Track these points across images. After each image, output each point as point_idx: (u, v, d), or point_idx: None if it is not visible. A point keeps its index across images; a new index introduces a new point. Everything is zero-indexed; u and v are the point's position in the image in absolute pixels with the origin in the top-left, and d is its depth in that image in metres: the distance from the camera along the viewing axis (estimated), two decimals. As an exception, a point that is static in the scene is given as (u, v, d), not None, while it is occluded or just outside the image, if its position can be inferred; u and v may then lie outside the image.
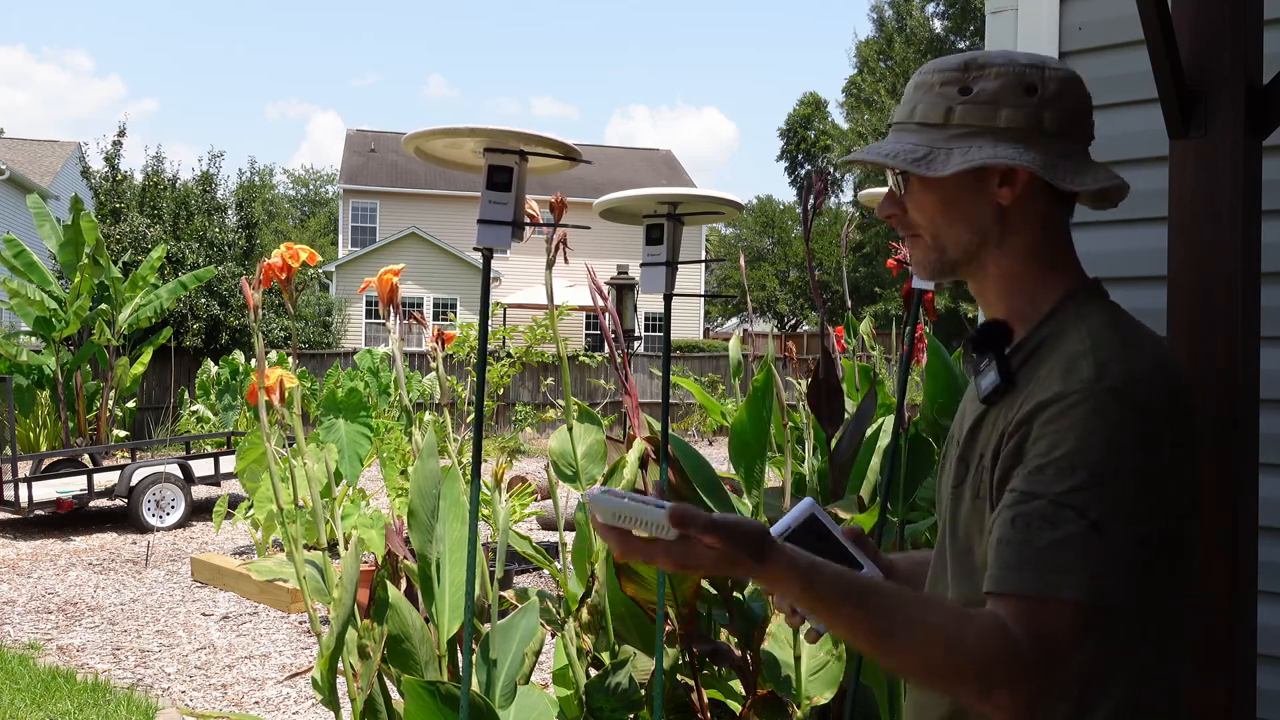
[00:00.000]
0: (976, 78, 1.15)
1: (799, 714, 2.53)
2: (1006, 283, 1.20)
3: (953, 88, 1.16)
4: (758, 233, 43.59)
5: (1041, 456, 1.03)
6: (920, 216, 1.19)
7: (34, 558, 8.03)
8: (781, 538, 1.14)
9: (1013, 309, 1.20)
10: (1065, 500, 1.00)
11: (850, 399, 3.83)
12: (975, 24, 32.48)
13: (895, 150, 1.16)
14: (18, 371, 12.55)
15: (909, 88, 1.20)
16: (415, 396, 11.58)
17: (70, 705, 4.68)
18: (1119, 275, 2.23)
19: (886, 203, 1.22)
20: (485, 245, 1.99)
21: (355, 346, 21.53)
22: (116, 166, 17.07)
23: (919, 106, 1.17)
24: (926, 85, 1.18)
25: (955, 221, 1.18)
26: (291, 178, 54.90)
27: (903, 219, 1.21)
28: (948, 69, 1.17)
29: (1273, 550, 1.93)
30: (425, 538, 2.59)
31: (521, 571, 7.07)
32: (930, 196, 1.18)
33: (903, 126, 1.19)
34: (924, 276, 1.24)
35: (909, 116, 1.18)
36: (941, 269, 1.21)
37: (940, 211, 1.18)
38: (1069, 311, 1.16)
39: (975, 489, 1.15)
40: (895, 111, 1.22)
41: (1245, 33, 1.68)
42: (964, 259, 1.19)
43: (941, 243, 1.19)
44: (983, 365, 1.17)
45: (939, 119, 1.16)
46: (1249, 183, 1.69)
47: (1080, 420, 1.02)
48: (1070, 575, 0.99)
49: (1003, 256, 1.19)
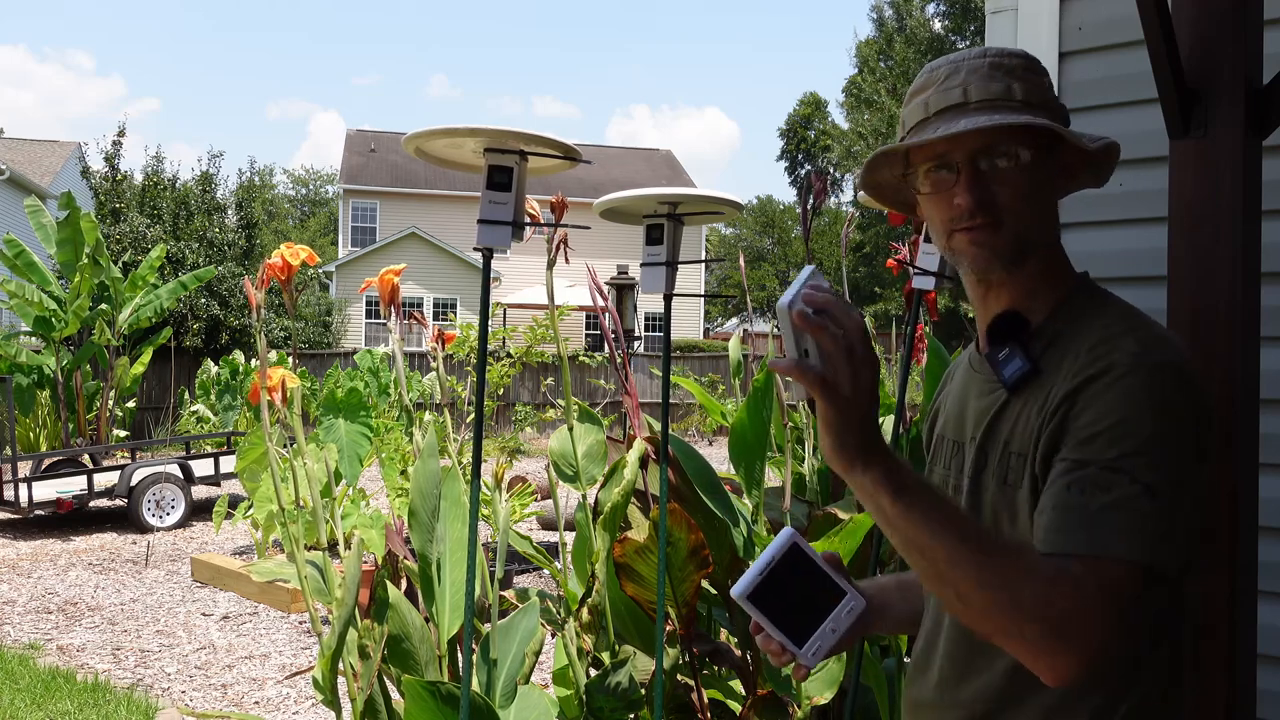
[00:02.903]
0: (1041, 71, 1.18)
1: (799, 714, 2.53)
2: (1040, 276, 1.19)
3: (1033, 75, 1.16)
4: (758, 233, 43.61)
5: (1091, 426, 1.04)
6: (1014, 198, 1.14)
7: (34, 558, 8.03)
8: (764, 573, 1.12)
9: (1032, 299, 1.19)
10: (1117, 465, 1.01)
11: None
12: (975, 24, 32.47)
13: (1040, 120, 1.11)
14: (18, 371, 12.55)
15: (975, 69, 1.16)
16: (415, 396, 11.58)
17: (70, 705, 4.68)
18: (1119, 275, 2.23)
19: (977, 185, 1.14)
20: (485, 245, 1.99)
21: (355, 346, 21.53)
22: (116, 166, 17.06)
23: (1014, 86, 1.14)
24: (1010, 68, 1.15)
25: (1040, 204, 1.17)
26: (291, 178, 54.96)
27: (988, 203, 1.14)
28: (1021, 57, 1.17)
29: (1273, 550, 1.93)
30: (426, 538, 2.59)
31: (521, 571, 7.07)
32: (1031, 174, 1.14)
33: (999, 104, 1.14)
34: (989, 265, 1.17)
35: (1005, 94, 1.14)
36: (1018, 254, 1.16)
37: (1036, 192, 1.15)
38: (1081, 300, 1.18)
39: (1002, 475, 1.15)
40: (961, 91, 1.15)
41: (1245, 33, 1.68)
42: (1036, 244, 1.17)
43: (1027, 225, 1.15)
44: (1003, 355, 1.17)
45: (1041, 99, 1.15)
46: (1249, 183, 1.69)
47: (1129, 391, 1.03)
48: (1124, 536, 0.99)
49: (1049, 248, 1.20)
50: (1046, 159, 1.15)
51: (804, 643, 1.14)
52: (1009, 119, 1.10)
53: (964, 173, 1.14)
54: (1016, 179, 1.14)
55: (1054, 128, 1.11)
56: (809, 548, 1.16)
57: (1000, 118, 1.10)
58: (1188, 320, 1.72)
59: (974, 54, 1.18)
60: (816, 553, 1.16)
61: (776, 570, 1.13)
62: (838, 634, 1.15)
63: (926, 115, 1.18)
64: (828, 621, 1.15)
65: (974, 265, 1.17)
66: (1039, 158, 1.14)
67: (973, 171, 1.14)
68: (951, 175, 1.15)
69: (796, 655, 1.14)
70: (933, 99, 1.17)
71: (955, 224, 1.16)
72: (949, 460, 1.27)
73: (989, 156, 1.14)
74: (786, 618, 1.14)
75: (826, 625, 1.15)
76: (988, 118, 1.11)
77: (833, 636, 1.15)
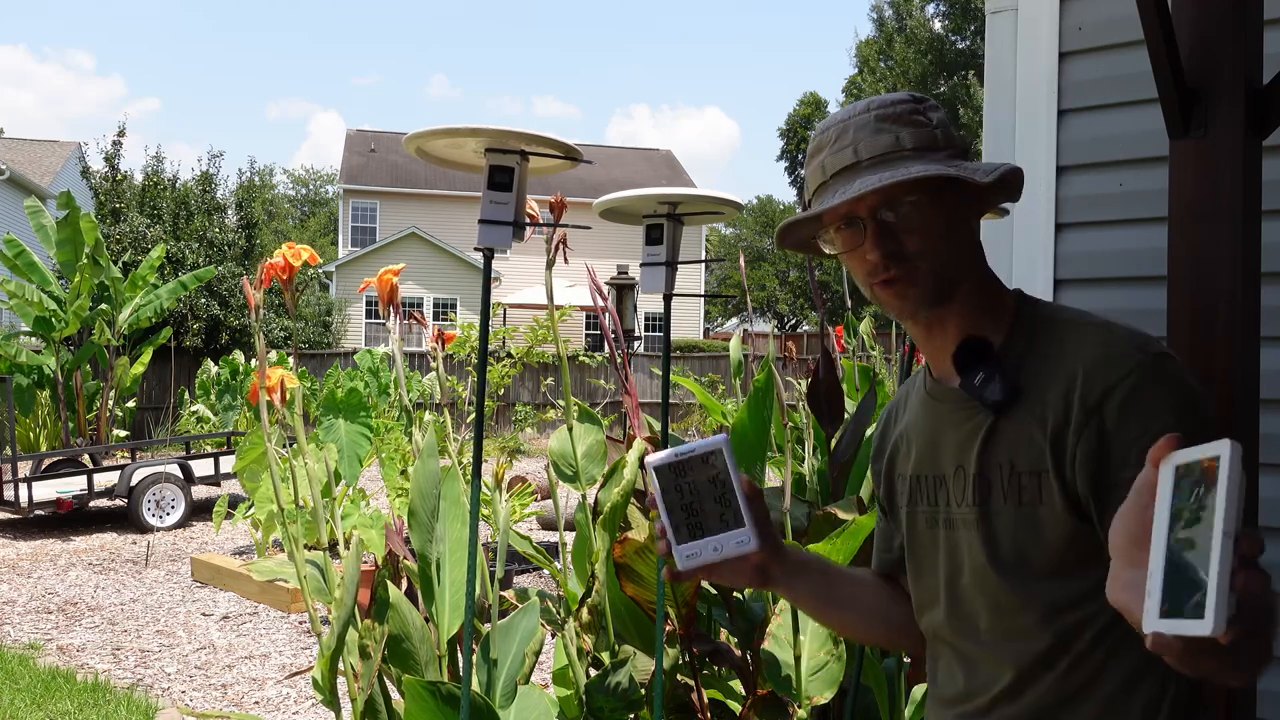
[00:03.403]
0: (926, 109, 1.20)
1: (799, 714, 2.53)
2: (977, 299, 1.22)
3: (920, 116, 1.19)
4: (758, 233, 43.60)
5: (1143, 434, 1.06)
6: (924, 242, 1.17)
7: (34, 558, 8.03)
8: (682, 456, 1.13)
9: (980, 323, 1.21)
10: None
11: (850, 399, 3.83)
12: (976, 24, 32.47)
13: (933, 167, 1.13)
14: (18, 371, 12.55)
15: (862, 126, 1.18)
16: (415, 396, 11.58)
17: (70, 705, 4.68)
18: (1119, 275, 2.23)
19: (882, 239, 1.17)
20: (486, 245, 1.99)
21: (355, 346, 21.53)
22: (116, 166, 17.06)
23: (902, 135, 1.17)
24: (894, 116, 1.18)
25: (952, 242, 1.19)
26: (291, 178, 54.96)
27: (900, 253, 1.17)
28: (904, 102, 1.20)
29: (1273, 550, 1.93)
30: (426, 537, 2.59)
31: (521, 571, 7.07)
32: (934, 217, 1.17)
33: (890, 158, 1.17)
34: (913, 312, 1.20)
35: (894, 146, 1.17)
36: (940, 295, 1.19)
37: (946, 230, 1.18)
38: (1028, 316, 1.21)
39: (1015, 498, 1.16)
40: (852, 152, 1.18)
41: (1245, 33, 1.68)
42: (956, 281, 1.19)
43: (942, 266, 1.18)
44: (979, 380, 1.18)
45: (929, 143, 1.18)
46: (1249, 183, 1.69)
47: (1158, 388, 1.08)
48: None
49: (973, 275, 1.22)
50: (949, 197, 1.17)
51: (683, 542, 1.15)
52: (898, 175, 1.12)
53: (869, 229, 1.17)
54: (923, 223, 1.16)
55: (943, 173, 1.13)
56: (734, 465, 1.16)
57: (890, 174, 1.13)
58: (1188, 320, 1.72)
59: (859, 109, 1.21)
60: (739, 474, 1.16)
61: (695, 461, 1.14)
62: (719, 555, 1.15)
63: (824, 179, 1.21)
64: (714, 539, 1.15)
65: (900, 315, 1.21)
66: (941, 198, 1.16)
67: (877, 226, 1.17)
68: (860, 233, 1.18)
69: (673, 548, 1.15)
70: (827, 162, 1.21)
71: (873, 278, 1.20)
72: (933, 496, 1.27)
73: (891, 208, 1.16)
74: (680, 511, 1.15)
75: (711, 540, 1.15)
76: (877, 176, 1.14)
77: (713, 555, 1.15)
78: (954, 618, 1.24)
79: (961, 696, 1.26)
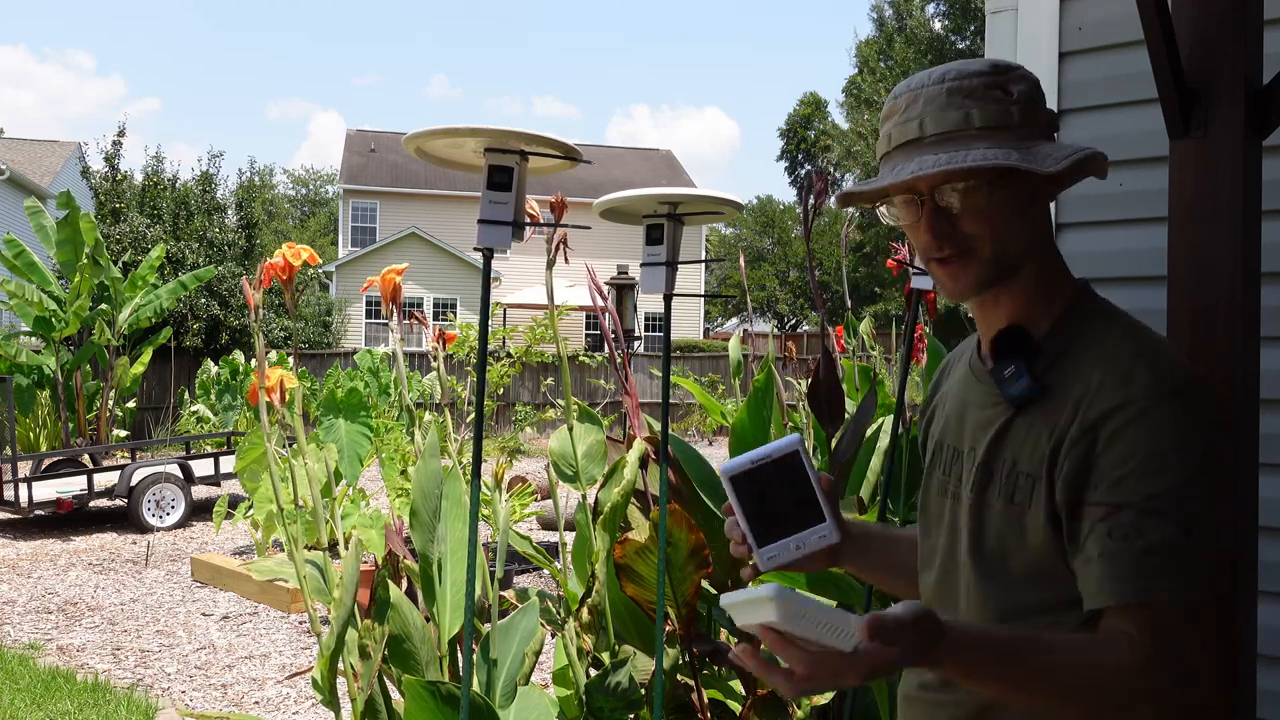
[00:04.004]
0: (1008, 80, 1.14)
1: (799, 714, 2.53)
2: (1036, 287, 1.19)
3: (997, 90, 1.13)
4: (758, 233, 43.59)
5: (1119, 466, 1.05)
6: (982, 226, 1.14)
7: (34, 558, 8.02)
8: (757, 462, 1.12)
9: (1031, 314, 1.19)
10: (1151, 506, 1.03)
11: (850, 399, 3.83)
12: (975, 24, 32.47)
13: (993, 154, 1.09)
14: (18, 371, 12.55)
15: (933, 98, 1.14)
16: (415, 396, 11.58)
17: (70, 705, 4.68)
18: (1119, 275, 2.23)
19: (938, 221, 1.14)
20: (486, 245, 1.99)
21: (355, 346, 21.52)
22: (116, 166, 17.06)
23: (972, 112, 1.12)
24: (969, 90, 1.13)
25: (1012, 227, 1.15)
26: (291, 178, 54.94)
27: (955, 235, 1.14)
28: (982, 73, 1.14)
29: (1273, 550, 1.93)
30: (427, 537, 2.59)
31: (521, 571, 7.07)
32: (993, 202, 1.13)
33: (955, 135, 1.12)
34: (964, 295, 1.18)
35: (962, 124, 1.12)
36: (995, 278, 1.16)
37: (1008, 215, 1.14)
38: (1083, 313, 1.18)
39: (1009, 494, 1.15)
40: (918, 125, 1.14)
41: (1245, 33, 1.68)
42: (1017, 263, 1.16)
43: (998, 251, 1.15)
44: (1009, 372, 1.16)
45: (1002, 121, 1.12)
46: (1249, 183, 1.69)
47: (1152, 425, 1.05)
48: (1169, 578, 1.01)
49: (1035, 259, 1.19)
50: (1013, 181, 1.13)
51: (764, 545, 1.13)
52: (954, 161, 1.09)
53: (926, 208, 1.15)
54: (981, 208, 1.13)
55: (1001, 163, 1.08)
56: (809, 462, 1.15)
57: (948, 157, 1.10)
58: (1188, 320, 1.72)
59: (934, 77, 1.16)
60: (815, 470, 1.15)
61: (769, 466, 1.13)
62: (801, 553, 1.15)
63: (889, 148, 1.18)
64: (796, 536, 1.14)
65: (949, 295, 1.20)
66: (1004, 182, 1.12)
67: (934, 207, 1.15)
68: (918, 209, 1.16)
69: (754, 552, 1.13)
70: (894, 131, 1.18)
71: (927, 254, 1.18)
72: (949, 467, 1.27)
73: (950, 190, 1.13)
74: (759, 514, 1.13)
75: (793, 539, 1.14)
76: (934, 158, 1.11)
77: (795, 553, 1.14)
78: (942, 585, 1.25)
79: None
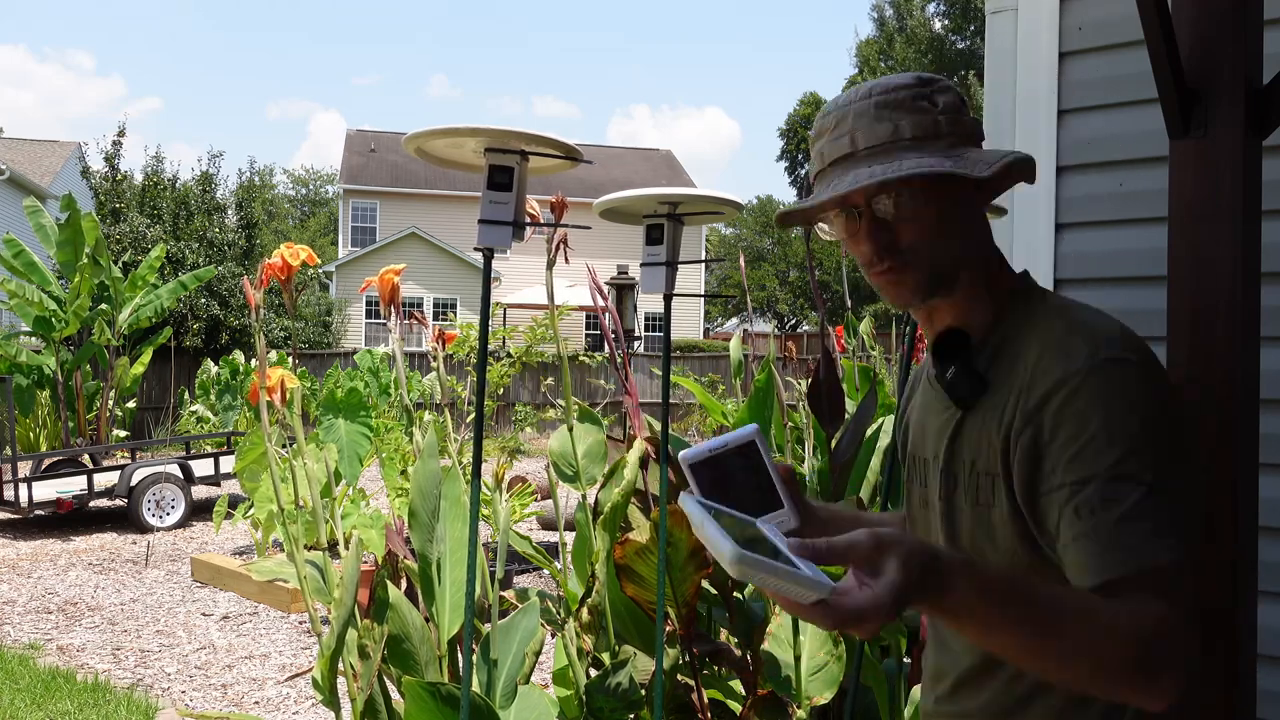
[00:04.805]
0: (933, 92, 1.16)
1: (799, 714, 2.53)
2: (973, 290, 1.19)
3: (924, 102, 1.15)
4: (758, 233, 43.59)
5: (1074, 442, 1.03)
6: (915, 235, 1.14)
7: (34, 558, 8.02)
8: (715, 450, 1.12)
9: (971, 315, 1.19)
10: (1115, 474, 1.01)
11: (850, 399, 3.83)
12: (975, 24, 32.47)
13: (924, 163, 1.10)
14: (18, 371, 12.55)
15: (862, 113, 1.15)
16: (415, 396, 11.58)
17: (70, 705, 4.68)
18: (1119, 275, 2.23)
19: (875, 231, 1.15)
20: (486, 245, 1.99)
21: (355, 346, 21.53)
22: (116, 166, 17.06)
23: (901, 124, 1.13)
24: (896, 103, 1.14)
25: (948, 234, 1.16)
26: (291, 178, 54.96)
27: (894, 246, 1.15)
28: (907, 85, 1.16)
29: (1273, 550, 1.93)
30: (426, 537, 2.59)
31: (521, 571, 7.07)
32: (929, 210, 1.14)
33: (887, 148, 1.13)
34: (908, 302, 1.19)
35: (892, 136, 1.13)
36: (935, 286, 1.17)
37: (936, 225, 1.14)
38: (1019, 307, 1.18)
39: (972, 498, 1.15)
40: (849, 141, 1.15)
41: (1245, 33, 1.68)
42: (952, 272, 1.17)
43: (936, 258, 1.15)
44: (950, 374, 1.17)
45: (931, 132, 1.14)
46: (1249, 183, 1.69)
47: (1095, 395, 1.03)
48: (1153, 540, 0.99)
49: (972, 263, 1.19)
50: (948, 188, 1.13)
51: None
52: (889, 172, 1.09)
53: (864, 220, 1.16)
54: (919, 217, 1.14)
55: (934, 170, 1.09)
56: (767, 451, 1.16)
57: (882, 169, 1.10)
58: (1188, 320, 1.72)
59: (860, 94, 1.17)
60: (773, 460, 1.16)
61: (728, 455, 1.13)
62: None
63: (823, 166, 1.19)
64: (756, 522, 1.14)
65: (896, 303, 1.20)
66: (939, 190, 1.13)
67: (871, 218, 1.15)
68: (856, 221, 1.17)
69: None
70: (827, 149, 1.18)
71: (869, 267, 1.18)
72: (923, 477, 1.27)
73: (886, 200, 1.14)
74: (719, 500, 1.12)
75: None
76: (869, 171, 1.11)
77: None
78: None
79: (934, 673, 1.27)
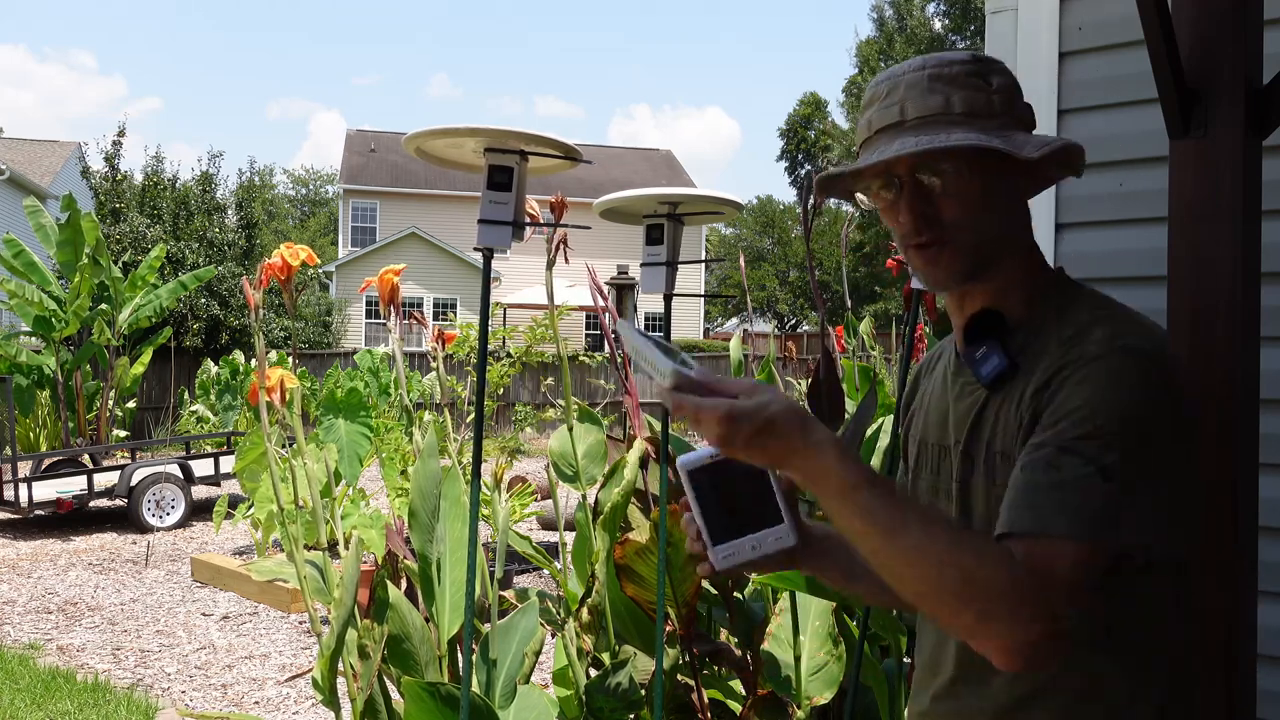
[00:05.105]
0: (989, 72, 1.14)
1: (799, 714, 2.53)
2: (1012, 276, 1.17)
3: (977, 79, 1.13)
4: (758, 233, 43.60)
5: (1058, 409, 1.04)
6: (958, 211, 1.12)
7: (34, 558, 8.02)
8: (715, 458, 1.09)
9: (1006, 298, 1.18)
10: (1072, 446, 1.01)
11: (850, 399, 3.83)
12: (975, 24, 32.48)
13: (974, 136, 1.08)
14: (18, 371, 12.54)
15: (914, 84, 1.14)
16: (415, 396, 11.58)
17: (70, 705, 4.68)
18: (1119, 275, 2.23)
19: (916, 202, 1.13)
20: (486, 245, 1.99)
21: (355, 346, 21.52)
22: (116, 166, 17.06)
23: (953, 98, 1.11)
24: (950, 77, 1.12)
25: (991, 211, 1.14)
26: (291, 178, 54.98)
27: (935, 220, 1.13)
28: (964, 62, 1.14)
29: (1273, 550, 1.93)
30: (426, 537, 2.58)
31: (521, 571, 7.07)
32: (973, 185, 1.12)
33: (936, 120, 1.11)
34: (945, 284, 1.17)
35: (943, 109, 1.11)
36: (975, 268, 1.15)
37: (980, 200, 1.12)
38: (1055, 296, 1.17)
39: (991, 478, 1.14)
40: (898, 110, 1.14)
41: (1245, 33, 1.68)
42: (996, 253, 1.15)
43: (979, 236, 1.13)
44: (980, 353, 1.16)
45: (983, 110, 1.12)
46: (1249, 183, 1.69)
47: (1097, 375, 1.03)
48: (1066, 514, 0.98)
49: (1014, 248, 1.18)
50: (995, 167, 1.12)
51: (720, 543, 1.11)
52: (936, 141, 1.08)
53: (905, 189, 1.14)
54: (962, 192, 1.12)
55: (983, 144, 1.07)
56: None
57: (929, 139, 1.09)
58: (1188, 320, 1.72)
59: (914, 65, 1.16)
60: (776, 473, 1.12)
61: (729, 464, 1.09)
62: (757, 554, 1.12)
63: (869, 134, 1.17)
64: (752, 536, 1.11)
65: (932, 283, 1.18)
66: (986, 168, 1.11)
67: (914, 188, 1.13)
68: (897, 192, 1.15)
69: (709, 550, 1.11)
70: (874, 117, 1.17)
71: (907, 240, 1.16)
72: (936, 465, 1.26)
73: (930, 171, 1.12)
74: (716, 511, 1.10)
75: (749, 539, 1.11)
76: (916, 140, 1.09)
77: (751, 553, 1.11)
78: None
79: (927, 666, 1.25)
